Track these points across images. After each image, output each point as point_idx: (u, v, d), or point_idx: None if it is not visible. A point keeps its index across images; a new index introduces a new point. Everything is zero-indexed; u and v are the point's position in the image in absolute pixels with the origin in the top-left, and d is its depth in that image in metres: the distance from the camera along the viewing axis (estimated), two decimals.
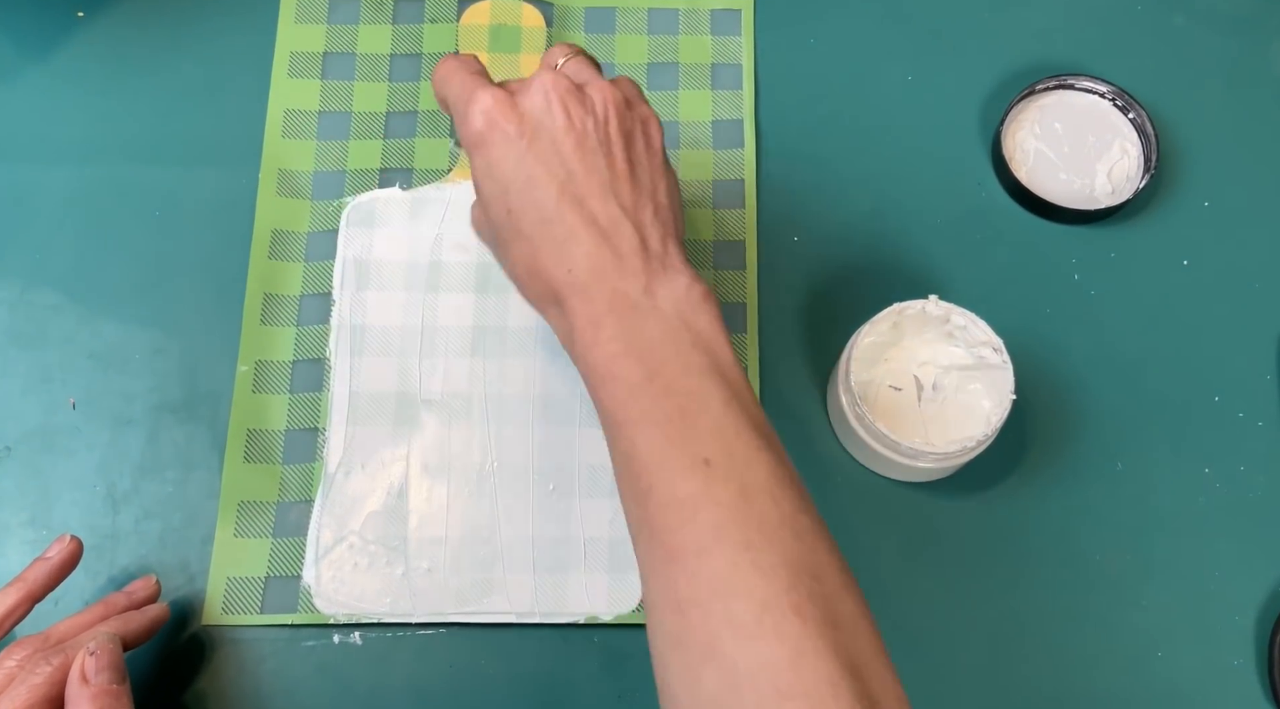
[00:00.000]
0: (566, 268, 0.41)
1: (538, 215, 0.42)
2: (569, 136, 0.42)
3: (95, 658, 0.43)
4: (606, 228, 0.41)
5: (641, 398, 0.39)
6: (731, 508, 0.36)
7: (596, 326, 0.40)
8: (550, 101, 0.42)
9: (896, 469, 0.53)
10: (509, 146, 0.42)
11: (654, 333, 0.40)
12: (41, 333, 0.57)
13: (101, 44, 0.62)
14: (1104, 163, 0.60)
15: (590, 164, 0.42)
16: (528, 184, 0.42)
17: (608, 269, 0.41)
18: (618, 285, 0.40)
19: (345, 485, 0.54)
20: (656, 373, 0.39)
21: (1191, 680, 0.52)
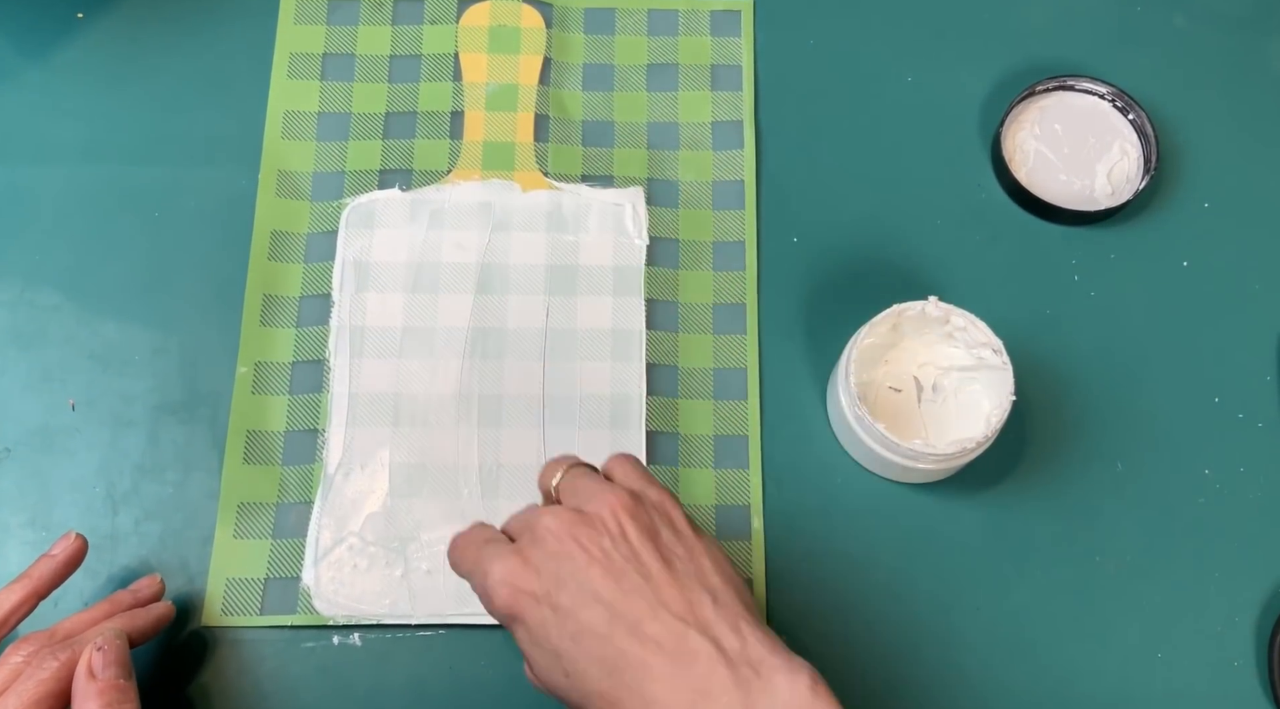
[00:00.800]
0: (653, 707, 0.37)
1: (599, 667, 0.38)
2: (593, 569, 0.39)
3: (102, 653, 0.43)
4: (673, 648, 0.37)
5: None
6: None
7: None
8: (562, 543, 0.39)
9: (896, 470, 0.53)
10: (540, 610, 0.39)
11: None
12: (41, 333, 0.57)
13: (101, 45, 0.62)
14: (1104, 164, 0.60)
15: (627, 586, 0.38)
16: (575, 640, 0.38)
17: (694, 696, 0.36)
18: (711, 705, 0.36)
19: (345, 487, 0.54)
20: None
21: (1192, 681, 0.52)
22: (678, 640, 0.37)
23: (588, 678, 0.38)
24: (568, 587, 0.38)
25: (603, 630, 0.38)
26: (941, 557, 0.54)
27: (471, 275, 0.58)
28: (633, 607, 0.38)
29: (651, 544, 0.39)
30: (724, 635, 0.37)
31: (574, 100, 0.62)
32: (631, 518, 0.40)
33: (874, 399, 0.55)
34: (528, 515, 0.41)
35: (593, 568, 0.38)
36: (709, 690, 0.36)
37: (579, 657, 0.38)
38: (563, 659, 0.38)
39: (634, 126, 0.61)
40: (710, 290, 0.58)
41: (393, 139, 0.60)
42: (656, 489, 0.42)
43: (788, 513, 0.55)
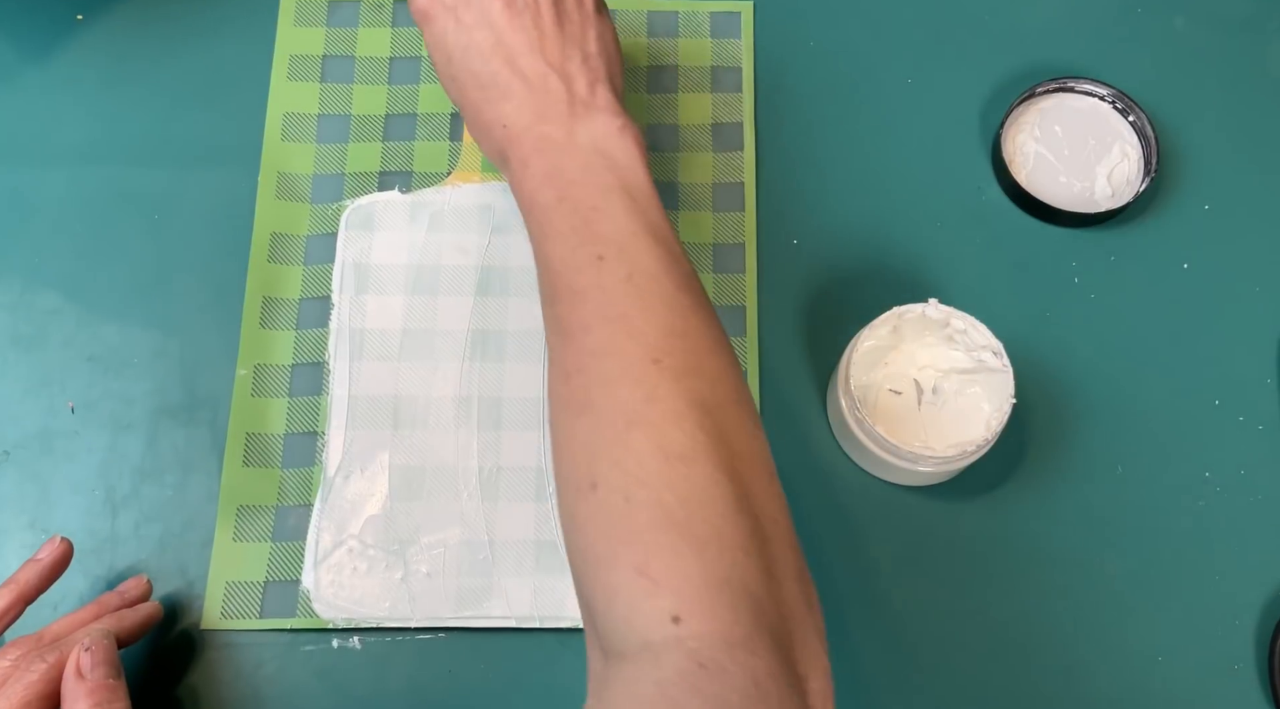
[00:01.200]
0: (503, 123, 0.46)
1: (475, 79, 0.47)
2: (496, 2, 0.46)
3: (90, 653, 0.43)
4: (534, 81, 0.46)
5: (554, 216, 0.43)
6: (616, 291, 0.41)
7: (524, 166, 0.45)
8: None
9: (896, 473, 0.53)
10: (447, 18, 0.47)
11: (571, 164, 0.44)
12: (41, 336, 0.57)
13: (101, 47, 0.62)
14: (1104, 166, 0.60)
15: (517, 25, 0.46)
16: (465, 52, 0.47)
17: (534, 118, 0.45)
18: (544, 130, 0.45)
19: (344, 489, 0.54)
20: (567, 195, 0.44)
21: (1192, 684, 0.52)
22: (540, 78, 0.46)
23: (465, 86, 0.47)
24: (472, 7, 0.47)
25: (486, 51, 0.46)
26: (941, 559, 0.54)
27: (471, 278, 0.58)
28: (516, 41, 0.46)
29: (555, 2, 0.47)
30: (578, 84, 0.46)
31: None
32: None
33: (874, 402, 0.55)
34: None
35: (496, 1, 0.46)
36: (546, 115, 0.45)
37: (464, 66, 0.47)
38: (453, 64, 0.47)
39: None
40: (710, 292, 0.58)
41: (392, 141, 0.60)
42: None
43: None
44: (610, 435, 0.38)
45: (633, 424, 0.38)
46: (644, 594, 0.35)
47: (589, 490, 0.38)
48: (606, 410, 0.39)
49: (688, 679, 0.33)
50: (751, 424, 0.40)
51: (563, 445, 0.40)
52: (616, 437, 0.38)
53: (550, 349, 0.43)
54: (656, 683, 0.33)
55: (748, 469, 0.38)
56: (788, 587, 0.37)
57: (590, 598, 0.38)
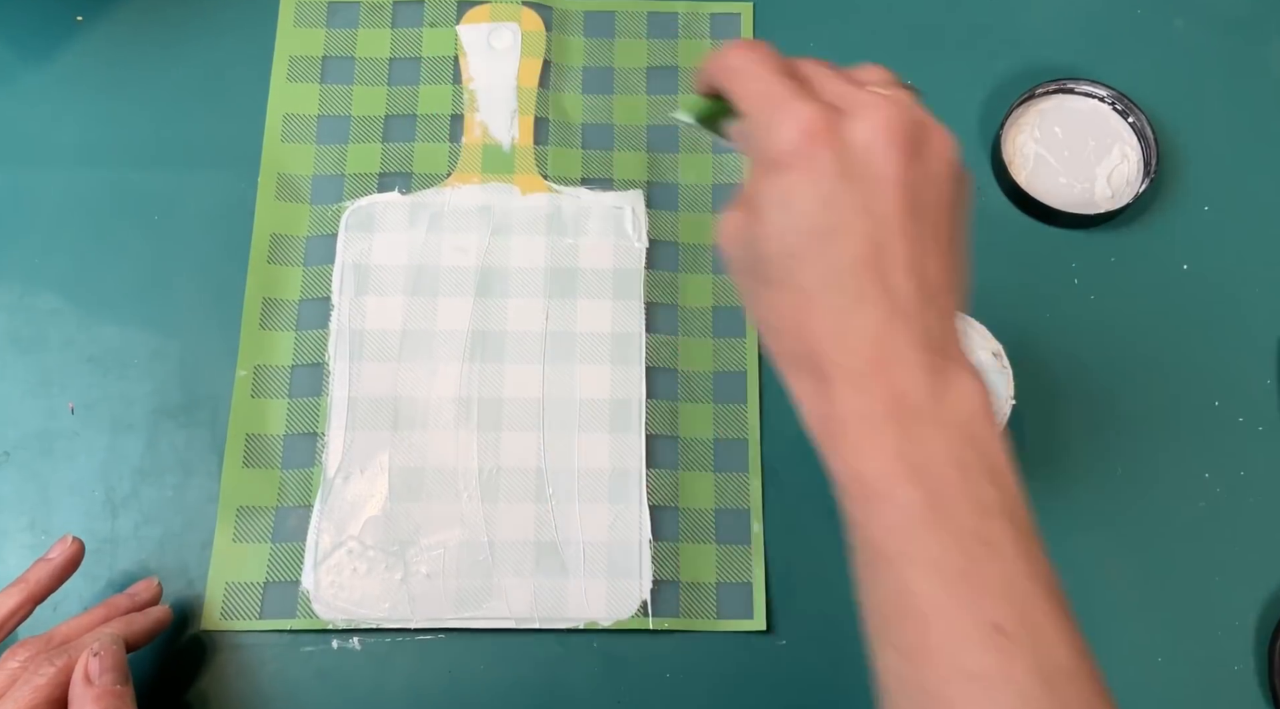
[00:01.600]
0: (843, 343, 0.34)
1: (826, 270, 0.34)
2: (897, 190, 0.34)
3: (99, 659, 0.43)
4: (905, 310, 0.34)
5: (920, 532, 0.32)
6: (1033, 698, 0.31)
7: (871, 429, 0.33)
8: (889, 141, 0.34)
9: None
10: (820, 180, 0.34)
11: (940, 451, 0.33)
12: (41, 337, 0.57)
13: (101, 48, 0.62)
14: (1104, 167, 0.60)
15: (911, 231, 0.34)
16: (828, 233, 0.34)
17: (892, 359, 0.33)
18: (901, 382, 0.33)
19: (344, 490, 0.54)
20: (940, 505, 0.33)
21: (1192, 685, 0.52)
22: (911, 306, 0.34)
23: (808, 268, 0.34)
24: (863, 181, 0.34)
25: (860, 249, 0.34)
26: None
27: (471, 279, 0.58)
28: (899, 250, 0.34)
29: (951, 212, 0.35)
30: (935, 321, 0.34)
31: (574, 103, 0.62)
32: (953, 175, 0.35)
33: None
34: (863, 92, 0.35)
35: (898, 189, 0.34)
36: (906, 362, 0.34)
37: (817, 248, 0.34)
38: (800, 236, 0.34)
39: (634, 129, 0.61)
40: (710, 293, 0.58)
41: (392, 142, 0.60)
42: (967, 172, 0.37)
43: (788, 516, 0.54)
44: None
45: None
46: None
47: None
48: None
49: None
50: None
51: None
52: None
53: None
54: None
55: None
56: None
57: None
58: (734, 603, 0.53)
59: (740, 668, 0.52)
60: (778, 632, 0.53)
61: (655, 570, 0.53)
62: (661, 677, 0.52)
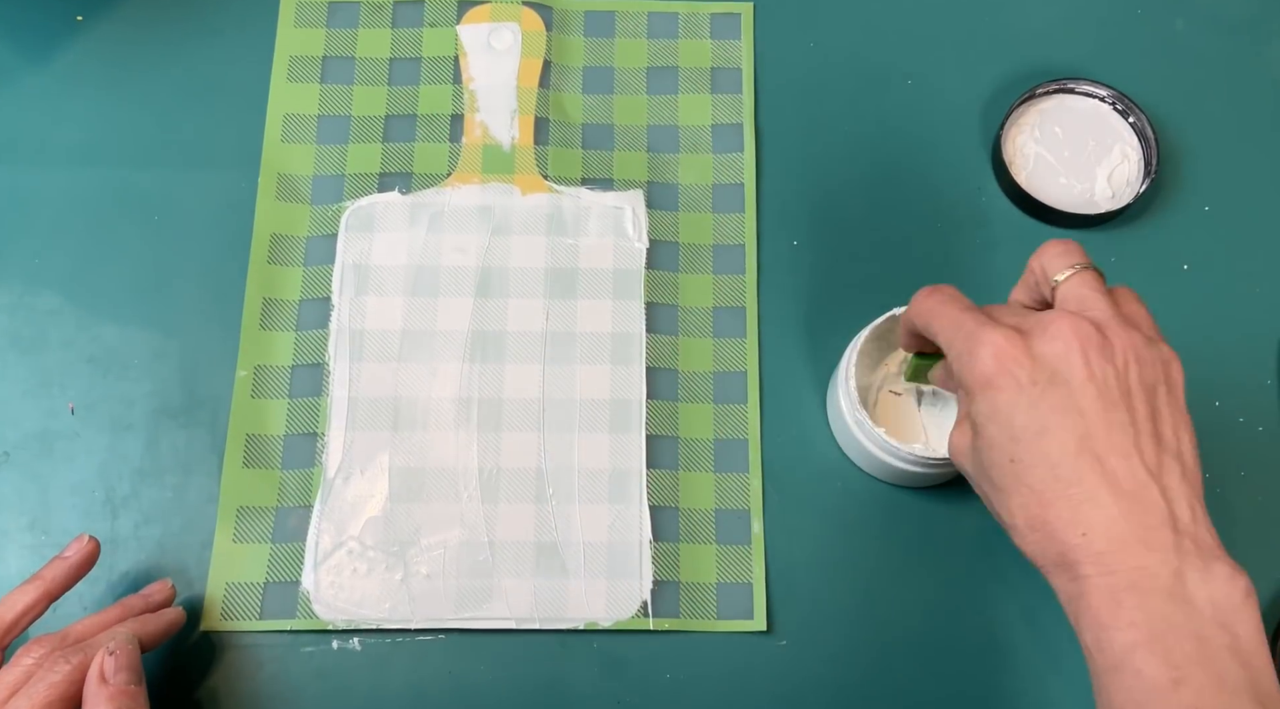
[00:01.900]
0: (1081, 531, 0.37)
1: (1049, 470, 0.38)
2: (1089, 387, 0.38)
3: (114, 658, 0.43)
4: (1131, 492, 0.37)
5: (1161, 705, 0.35)
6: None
7: (1116, 605, 0.36)
8: (1070, 349, 0.38)
9: (895, 474, 0.53)
10: (1020, 394, 0.38)
11: (1184, 628, 0.35)
12: (41, 337, 0.57)
13: (101, 48, 0.62)
14: (1104, 167, 0.60)
15: (1112, 419, 0.38)
16: (1039, 435, 0.38)
17: (1131, 540, 0.36)
18: (1143, 562, 0.36)
19: (344, 491, 0.54)
20: (1184, 680, 0.34)
21: None
22: (1137, 487, 0.37)
23: (1033, 472, 0.38)
24: (1056, 387, 0.38)
25: (1071, 444, 0.38)
26: (942, 558, 0.54)
27: (471, 279, 0.58)
28: (1108, 439, 0.38)
29: (1146, 395, 0.39)
30: (1179, 507, 0.37)
31: (574, 103, 0.62)
32: (1139, 363, 0.39)
33: (874, 402, 0.55)
34: (1038, 313, 0.41)
35: (1089, 386, 0.38)
36: (1149, 541, 0.36)
37: (1035, 452, 0.38)
38: (1018, 445, 0.38)
39: (634, 129, 0.61)
40: (710, 294, 0.58)
41: (392, 142, 0.60)
42: (1168, 349, 0.41)
43: (788, 516, 0.54)
44: None
45: None
46: None
47: None
48: None
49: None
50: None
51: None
52: None
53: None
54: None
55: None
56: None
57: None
58: (734, 603, 0.53)
59: (740, 668, 0.52)
60: (778, 632, 0.53)
61: (655, 571, 0.53)
62: (662, 677, 0.52)
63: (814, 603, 0.53)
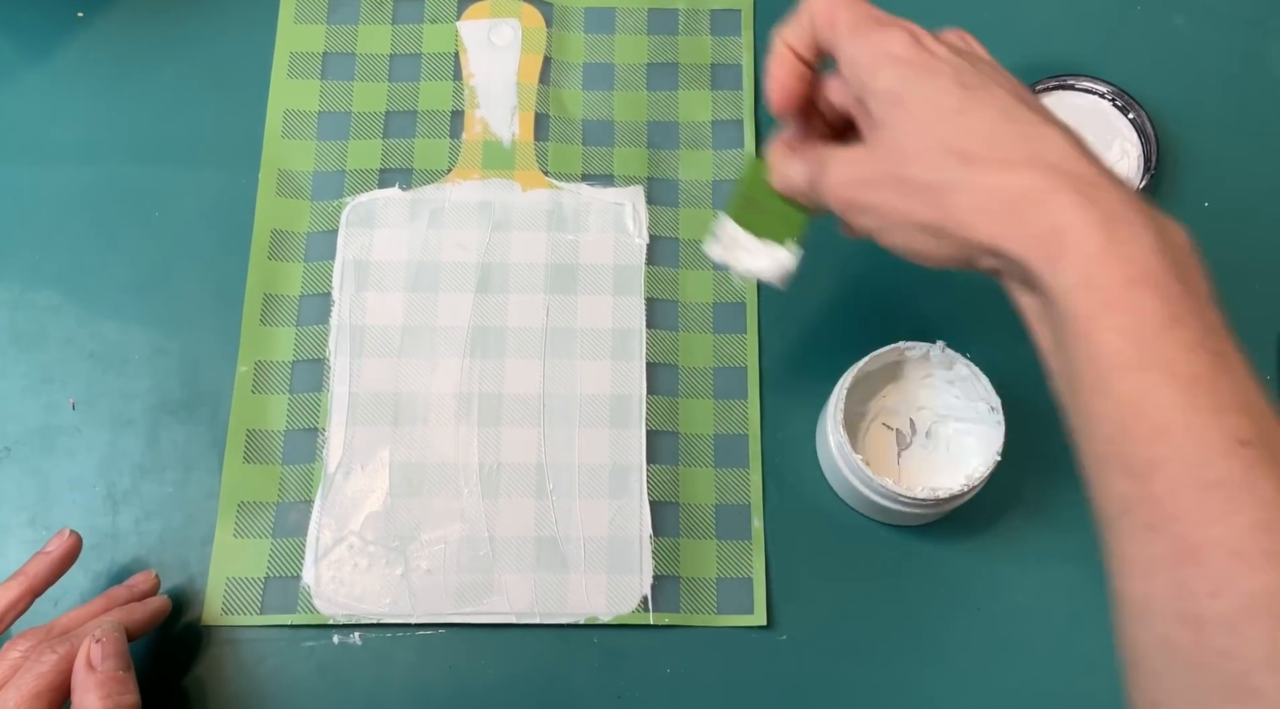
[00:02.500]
0: (1043, 160, 0.35)
1: (989, 130, 0.36)
2: (970, 67, 0.39)
3: (101, 645, 0.44)
4: (1075, 152, 0.35)
5: (1162, 341, 0.32)
6: (1275, 507, 0.29)
7: (1108, 233, 0.33)
8: (928, 41, 0.39)
9: (874, 509, 0.52)
10: (938, 67, 0.38)
11: (1160, 268, 0.33)
12: (41, 333, 0.57)
13: (101, 44, 0.62)
14: None
15: (991, 92, 0.37)
16: (982, 89, 0.37)
17: (1085, 171, 0.34)
18: (1107, 191, 0.34)
19: (345, 486, 0.54)
20: (1176, 313, 0.32)
21: None
22: (1065, 134, 0.36)
23: (973, 137, 0.36)
24: (964, 71, 0.38)
25: (1005, 100, 0.37)
26: (941, 554, 0.54)
27: (471, 274, 0.58)
28: (1019, 90, 0.38)
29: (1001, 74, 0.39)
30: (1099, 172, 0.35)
31: (574, 99, 0.62)
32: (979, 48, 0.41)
33: (865, 431, 0.54)
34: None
35: (968, 66, 0.38)
36: (1097, 174, 0.35)
37: (969, 122, 0.36)
38: (954, 118, 0.37)
39: (634, 126, 0.61)
40: (710, 289, 0.58)
41: (393, 138, 0.60)
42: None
43: (788, 511, 0.55)
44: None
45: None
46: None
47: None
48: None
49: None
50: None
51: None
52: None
53: (1129, 542, 0.32)
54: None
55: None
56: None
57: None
58: (734, 598, 0.53)
59: (740, 663, 0.52)
60: (778, 627, 0.53)
61: (656, 565, 0.53)
62: (662, 672, 0.52)
63: (814, 598, 0.53)
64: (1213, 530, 0.30)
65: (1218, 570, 0.29)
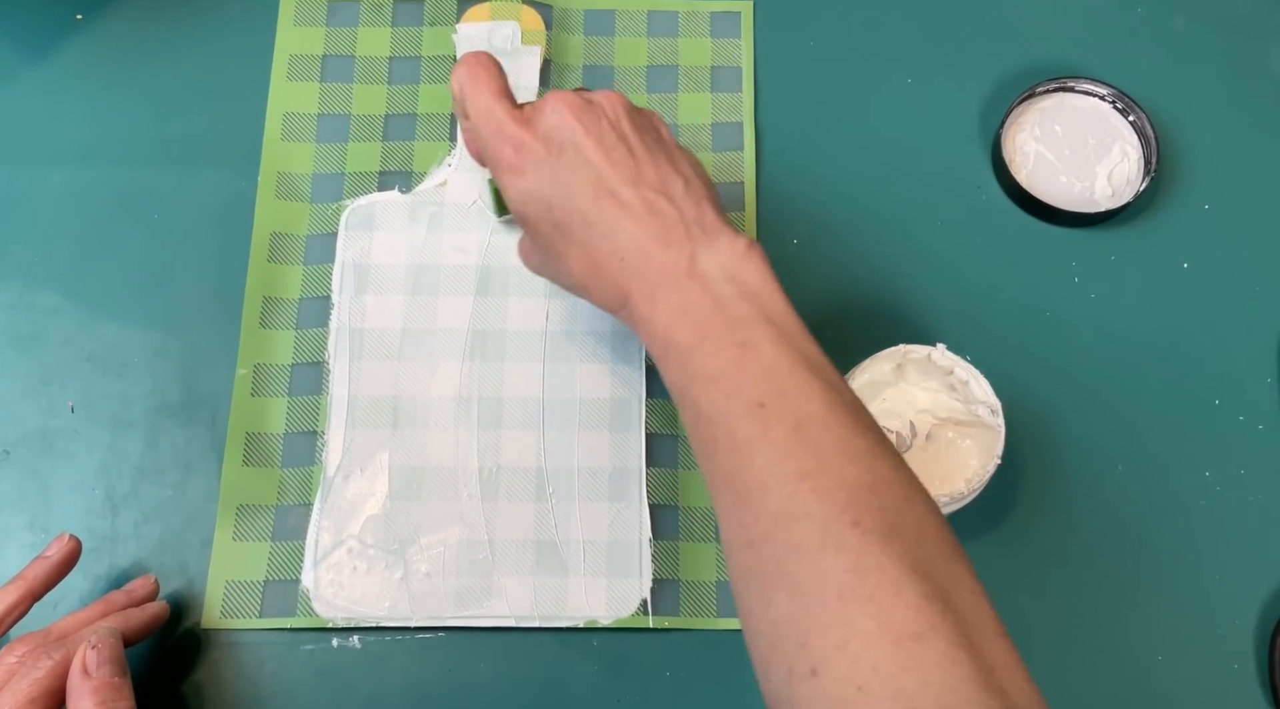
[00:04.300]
0: (619, 258, 0.43)
1: (581, 219, 0.44)
2: (589, 141, 0.44)
3: (96, 651, 0.43)
4: (641, 210, 0.43)
5: (698, 357, 0.41)
6: (787, 444, 0.38)
7: (652, 302, 0.42)
8: (563, 115, 0.44)
9: None
10: (541, 169, 0.44)
11: (703, 295, 0.41)
12: (40, 335, 0.57)
13: (100, 46, 0.62)
14: (1104, 165, 0.60)
15: (614, 159, 0.44)
16: (566, 194, 0.44)
17: (653, 247, 0.43)
18: (664, 259, 0.42)
19: (344, 489, 0.54)
20: (708, 332, 0.41)
21: (1191, 684, 0.52)
22: (647, 205, 0.43)
23: (572, 227, 0.44)
24: (566, 151, 0.44)
25: (589, 190, 0.44)
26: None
27: (471, 278, 0.58)
28: (616, 175, 0.44)
29: (639, 136, 0.45)
30: (686, 207, 0.44)
31: None
32: (627, 114, 0.45)
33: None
34: (535, 101, 0.46)
35: (588, 139, 0.44)
36: (667, 240, 0.43)
37: (568, 209, 0.44)
38: (554, 210, 0.44)
39: None
40: None
41: (392, 141, 0.60)
42: (647, 110, 0.47)
43: None
44: (822, 615, 0.35)
45: (846, 601, 0.35)
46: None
47: (809, 676, 0.35)
48: (809, 584, 0.36)
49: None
50: (970, 577, 0.37)
51: (759, 621, 0.37)
52: (830, 616, 0.35)
53: (720, 506, 0.40)
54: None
55: (981, 635, 0.35)
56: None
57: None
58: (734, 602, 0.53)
59: (740, 666, 0.52)
60: None
61: (655, 569, 0.53)
62: (662, 675, 0.52)
63: None
64: (746, 474, 0.38)
65: (754, 502, 0.38)
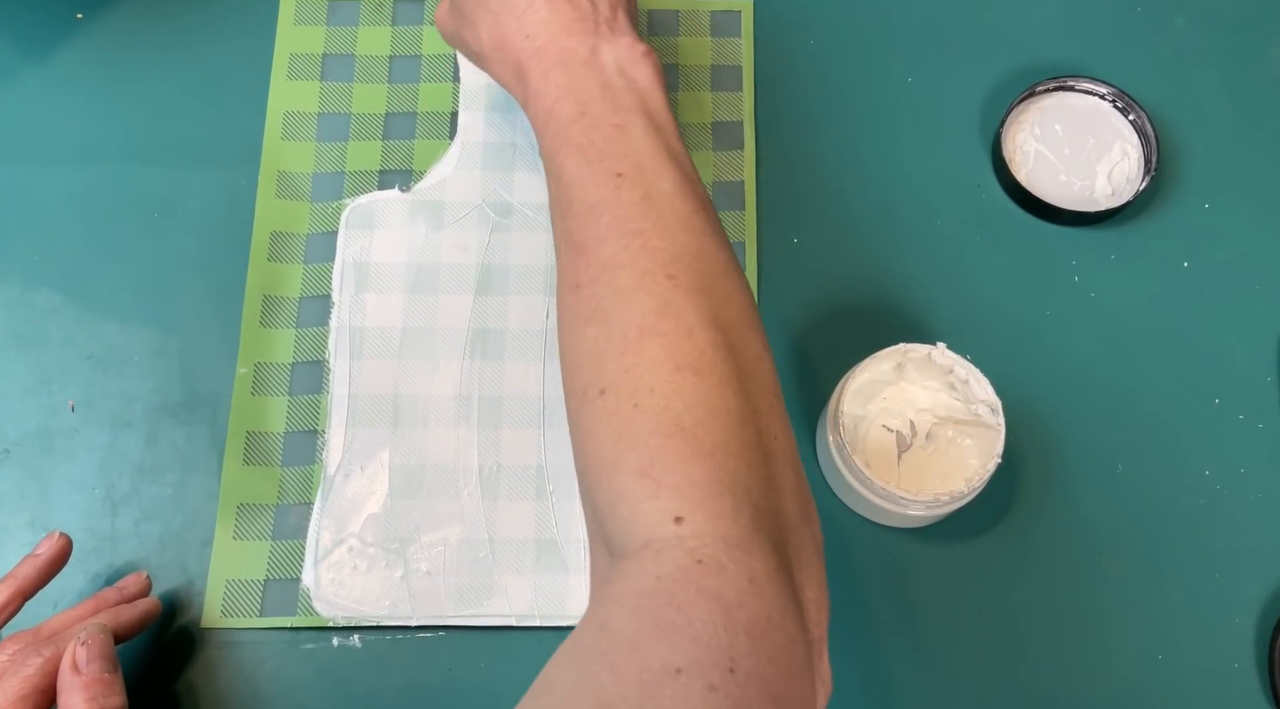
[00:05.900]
0: (525, 34, 0.46)
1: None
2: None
3: (86, 648, 0.43)
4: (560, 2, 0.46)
5: (573, 129, 0.44)
6: (633, 207, 0.41)
7: (545, 78, 0.45)
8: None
9: (874, 511, 0.52)
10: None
11: (593, 80, 0.45)
12: (41, 334, 0.57)
13: (101, 46, 0.62)
14: (1104, 164, 0.60)
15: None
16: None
17: (560, 32, 0.46)
18: (567, 44, 0.46)
19: (344, 488, 0.54)
20: (588, 110, 0.44)
21: (1192, 683, 0.52)
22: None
23: (486, 6, 0.48)
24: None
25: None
26: (941, 552, 0.54)
27: (471, 276, 0.58)
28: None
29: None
30: (602, 7, 0.47)
31: None
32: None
33: (865, 434, 0.54)
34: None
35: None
36: (572, 30, 0.46)
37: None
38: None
39: None
40: None
41: (392, 139, 0.60)
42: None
43: None
44: (621, 343, 0.39)
45: (645, 333, 0.39)
46: (648, 495, 0.36)
47: (597, 396, 0.38)
48: (618, 319, 0.39)
49: (686, 574, 0.34)
50: (760, 346, 0.41)
51: (571, 353, 0.41)
52: (628, 344, 0.39)
53: (560, 261, 0.43)
54: (656, 577, 0.34)
55: (755, 387, 0.39)
56: (787, 500, 0.38)
57: (596, 502, 0.39)
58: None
59: None
60: None
61: None
62: None
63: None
64: (590, 230, 0.42)
65: (589, 251, 0.41)
